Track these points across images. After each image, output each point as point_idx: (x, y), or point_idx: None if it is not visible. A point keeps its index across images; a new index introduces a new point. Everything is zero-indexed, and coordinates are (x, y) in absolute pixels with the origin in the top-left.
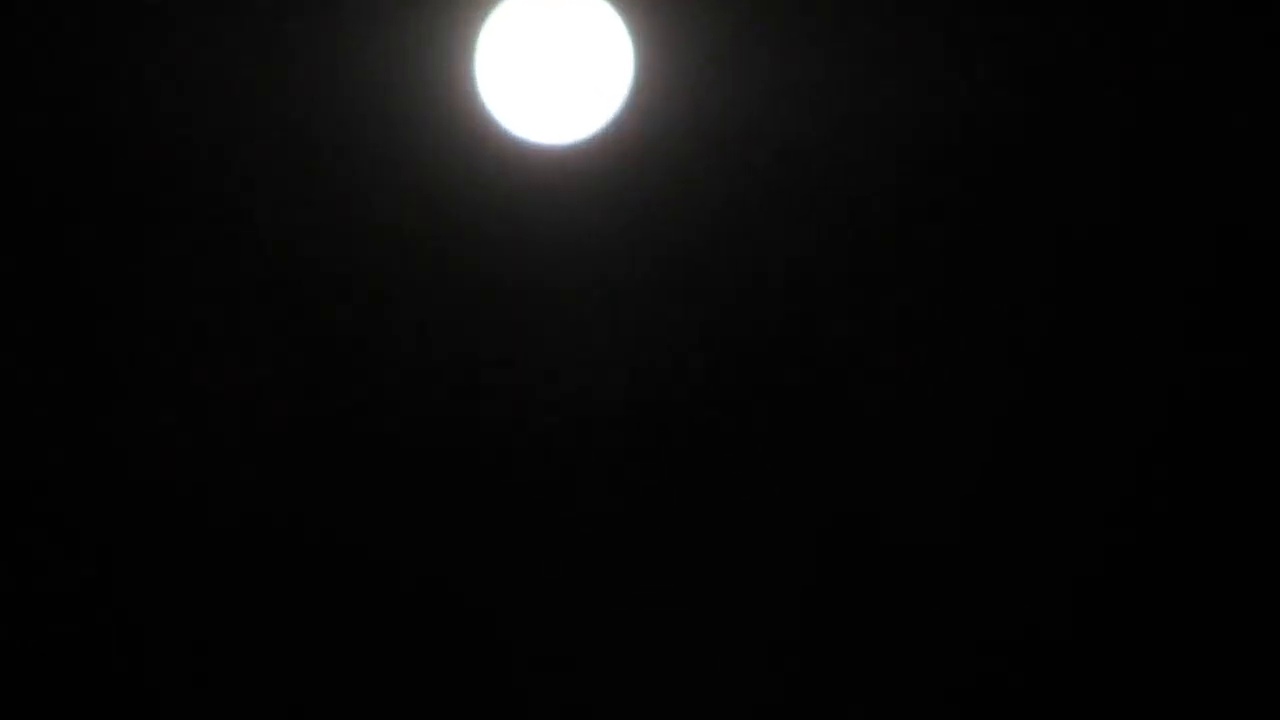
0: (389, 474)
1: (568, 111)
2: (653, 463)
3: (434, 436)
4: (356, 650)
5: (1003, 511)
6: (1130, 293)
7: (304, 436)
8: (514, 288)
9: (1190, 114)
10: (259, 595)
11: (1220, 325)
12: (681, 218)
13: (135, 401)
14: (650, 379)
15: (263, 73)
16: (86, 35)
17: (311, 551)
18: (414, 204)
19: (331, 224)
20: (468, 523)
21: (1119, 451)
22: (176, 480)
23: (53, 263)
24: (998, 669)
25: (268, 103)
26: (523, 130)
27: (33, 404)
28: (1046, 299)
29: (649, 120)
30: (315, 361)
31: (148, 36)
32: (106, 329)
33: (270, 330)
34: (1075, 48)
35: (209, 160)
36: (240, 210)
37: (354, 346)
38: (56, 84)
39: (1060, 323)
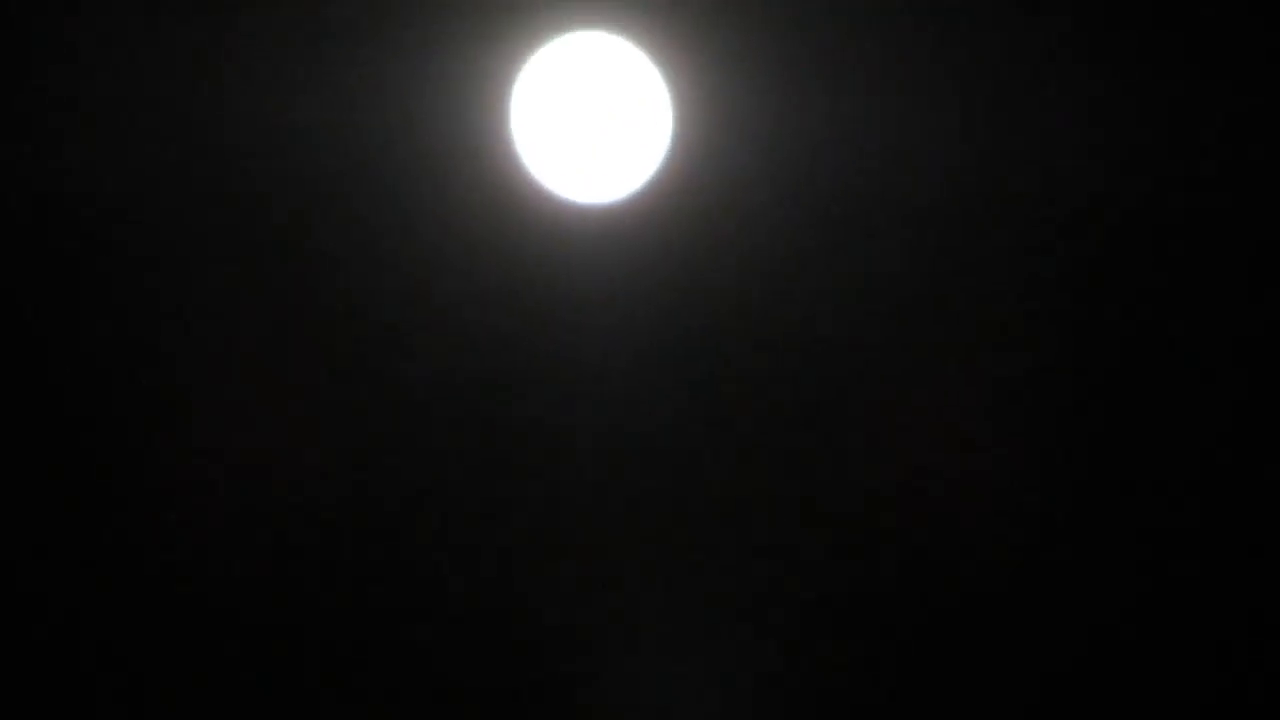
0: (420, 529)
1: (605, 169)
2: (692, 516)
3: (465, 491)
4: None
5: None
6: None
7: (334, 499)
8: (549, 345)
9: None
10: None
11: None
12: (720, 276)
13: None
14: (689, 436)
15: (298, 131)
16: (133, 89)
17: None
18: (449, 261)
19: (364, 281)
20: (496, 576)
21: None
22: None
23: (92, 318)
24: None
25: (303, 160)
26: (559, 188)
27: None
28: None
29: (687, 178)
30: (345, 417)
31: (187, 91)
32: (143, 381)
33: (301, 384)
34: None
35: (239, 218)
36: (274, 267)
37: (386, 402)
38: (82, 146)
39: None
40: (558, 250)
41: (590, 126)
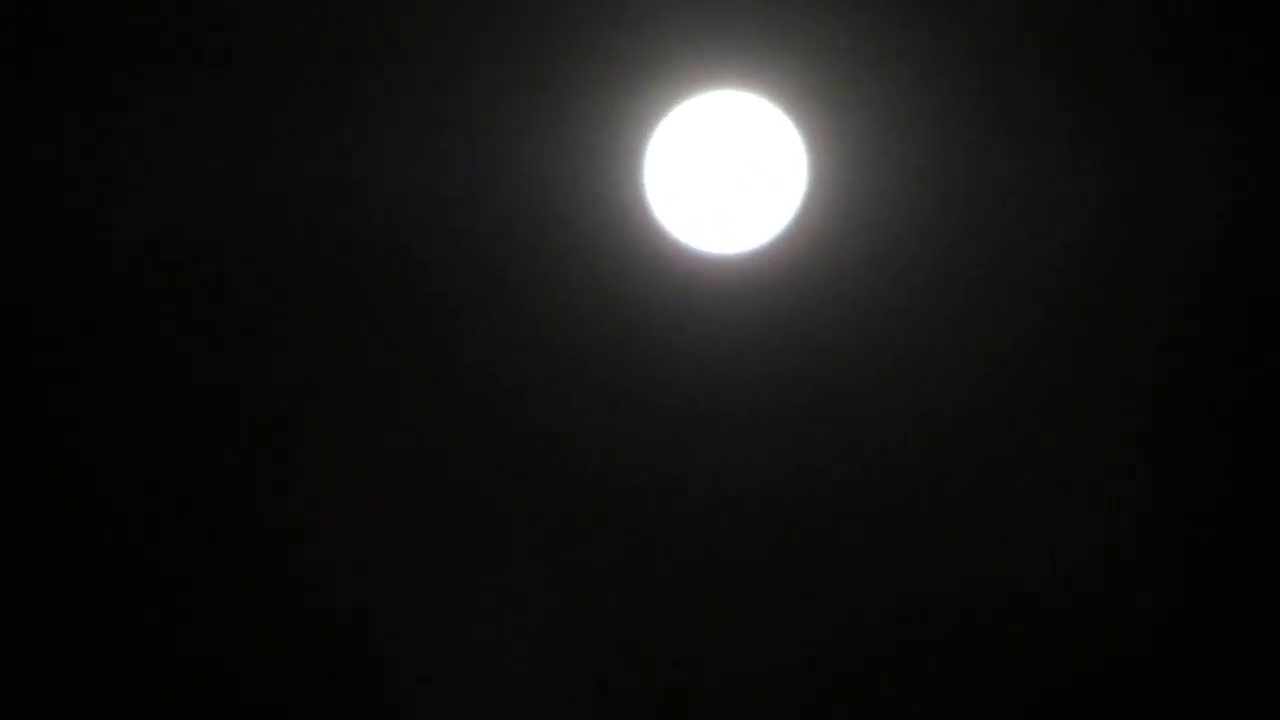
0: (567, 571)
1: (740, 221)
2: (814, 579)
3: (606, 537)
4: None
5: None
6: None
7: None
8: (685, 399)
9: None
10: None
11: None
12: (855, 329)
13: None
14: (822, 491)
15: (431, 183)
16: (275, 155)
17: None
18: (583, 313)
19: (500, 333)
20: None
21: None
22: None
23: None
24: None
25: (437, 213)
26: (693, 240)
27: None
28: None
29: (822, 229)
30: (479, 466)
31: (331, 154)
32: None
33: (435, 432)
34: None
35: (377, 277)
36: (410, 320)
37: (523, 455)
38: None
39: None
40: (692, 301)
41: (724, 180)
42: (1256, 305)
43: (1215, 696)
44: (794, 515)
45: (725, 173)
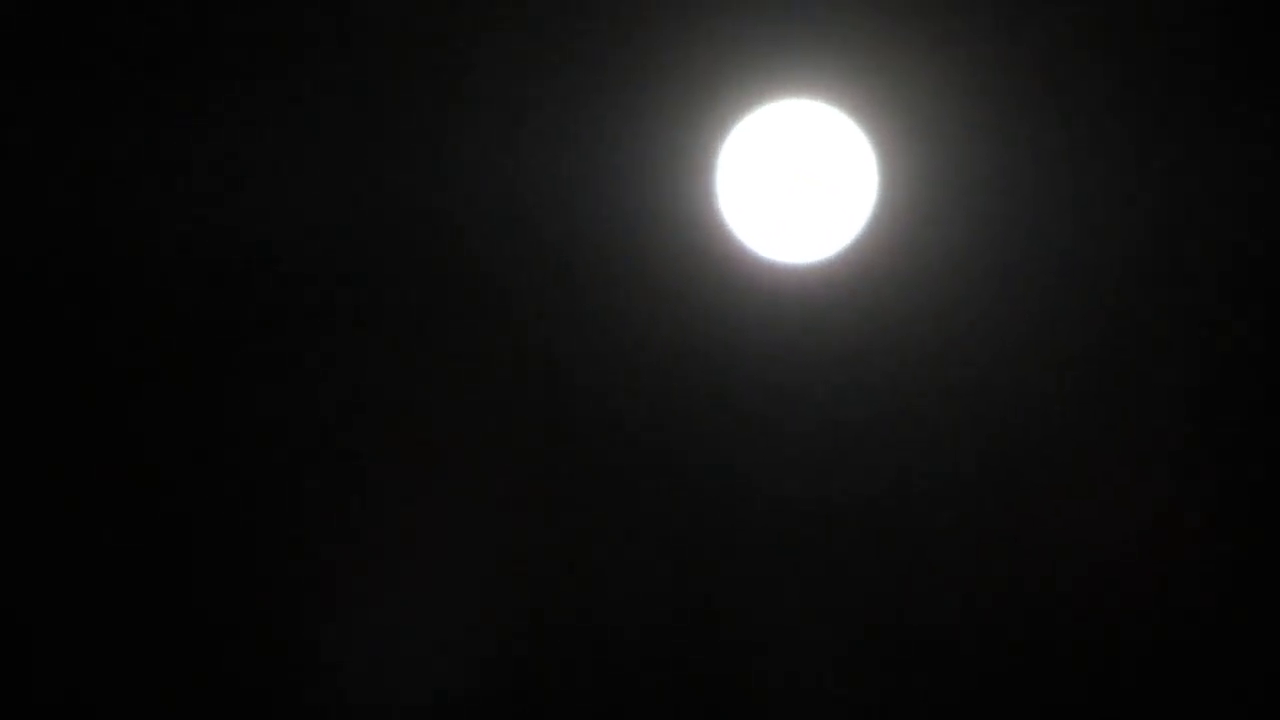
0: (626, 592)
1: (811, 229)
2: (881, 594)
3: (667, 551)
4: None
5: None
6: None
7: (542, 553)
8: (756, 407)
9: None
10: None
11: None
12: (925, 337)
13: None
14: (892, 501)
15: (504, 195)
16: (354, 164)
17: None
18: (656, 322)
19: (568, 343)
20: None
21: None
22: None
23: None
24: None
25: (510, 224)
26: (765, 249)
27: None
28: None
29: (893, 237)
30: (545, 474)
31: (406, 166)
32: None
33: (505, 445)
34: None
35: (450, 287)
36: (483, 331)
37: (597, 465)
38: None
39: None
40: (762, 310)
41: (795, 188)
42: None
43: None
44: (863, 525)
45: (796, 181)
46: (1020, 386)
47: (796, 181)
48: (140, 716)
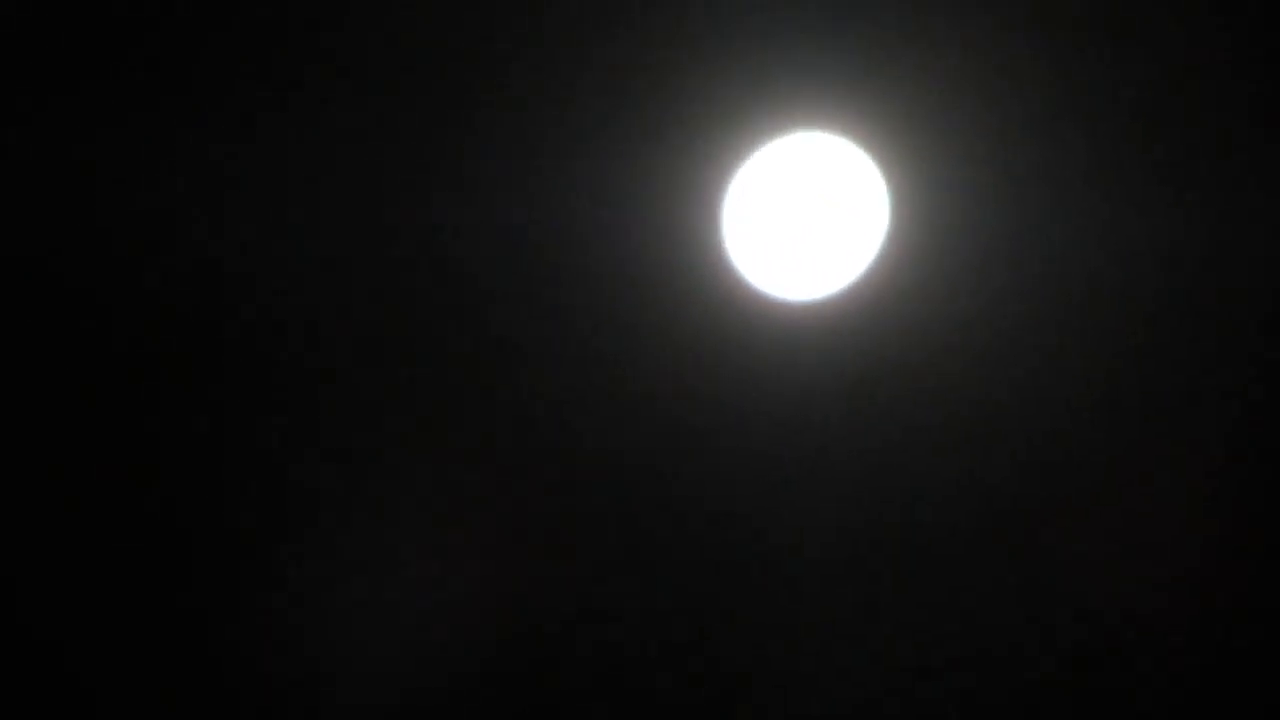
0: (628, 627)
1: (820, 264)
2: (897, 626)
3: (676, 593)
4: None
5: None
6: None
7: (543, 593)
8: (766, 445)
9: None
10: None
11: None
12: (937, 373)
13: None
14: (902, 537)
15: (508, 229)
16: (352, 194)
17: None
18: (663, 359)
19: (573, 380)
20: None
21: None
22: None
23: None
24: None
25: (515, 259)
26: (772, 286)
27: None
28: None
29: (904, 271)
30: (550, 516)
31: (406, 197)
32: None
33: (508, 483)
34: None
35: (450, 323)
36: (487, 369)
37: (601, 502)
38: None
39: None
40: (769, 349)
41: (806, 221)
42: None
43: None
44: (873, 562)
45: (807, 213)
46: (1033, 423)
47: (807, 215)
48: (141, 713)
